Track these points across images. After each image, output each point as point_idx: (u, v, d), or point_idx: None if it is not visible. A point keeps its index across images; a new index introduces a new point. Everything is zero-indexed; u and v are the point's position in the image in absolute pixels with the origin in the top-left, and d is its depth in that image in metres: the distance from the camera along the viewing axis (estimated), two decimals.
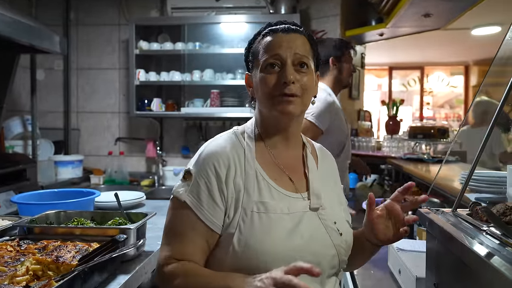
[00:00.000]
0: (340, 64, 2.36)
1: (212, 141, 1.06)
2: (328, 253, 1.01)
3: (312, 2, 3.50)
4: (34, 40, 2.52)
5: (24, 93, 3.50)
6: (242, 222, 0.95)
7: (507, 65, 1.18)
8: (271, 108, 1.02)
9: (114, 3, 3.65)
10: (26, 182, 2.68)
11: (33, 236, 1.29)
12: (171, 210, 1.01)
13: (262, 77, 1.01)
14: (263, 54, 1.03)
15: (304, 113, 1.07)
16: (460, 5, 2.68)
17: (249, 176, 1.00)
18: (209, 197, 0.96)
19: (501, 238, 0.84)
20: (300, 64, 1.01)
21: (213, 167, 0.98)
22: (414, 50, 6.39)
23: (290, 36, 1.03)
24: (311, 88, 1.03)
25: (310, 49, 1.06)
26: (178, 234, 0.97)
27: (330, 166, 1.20)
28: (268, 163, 1.05)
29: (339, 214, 1.09)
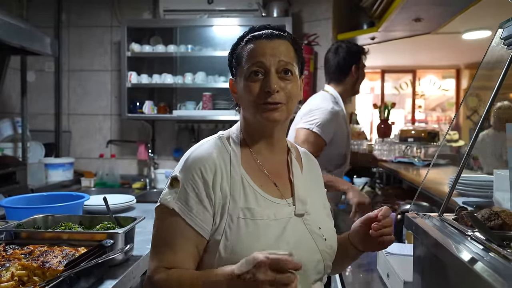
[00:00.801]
0: (359, 72, 2.35)
1: (198, 146, 1.05)
2: (313, 258, 1.01)
3: (304, 6, 3.51)
4: (24, 41, 2.51)
5: (14, 95, 3.48)
6: (229, 228, 0.94)
7: (494, 69, 1.20)
8: (255, 115, 1.01)
9: (106, 5, 3.64)
10: (15, 185, 2.66)
11: (20, 241, 1.28)
12: (159, 219, 0.98)
13: (246, 85, 1.01)
14: (246, 62, 1.01)
15: (289, 119, 1.07)
16: (450, 10, 2.70)
17: (235, 182, 0.99)
18: (198, 203, 0.95)
19: (485, 243, 0.85)
20: (284, 71, 1.00)
21: (200, 173, 0.97)
22: (406, 54, 6.43)
23: (274, 42, 1.01)
24: (296, 94, 1.03)
25: (294, 55, 1.04)
26: (168, 243, 0.95)
27: (314, 170, 1.21)
28: (253, 169, 1.05)
29: (323, 219, 1.10)
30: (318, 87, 3.48)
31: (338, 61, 2.31)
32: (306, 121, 2.17)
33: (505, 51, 1.09)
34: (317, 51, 3.46)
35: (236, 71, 1.07)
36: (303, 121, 2.19)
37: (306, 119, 2.18)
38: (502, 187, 1.23)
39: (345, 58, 2.31)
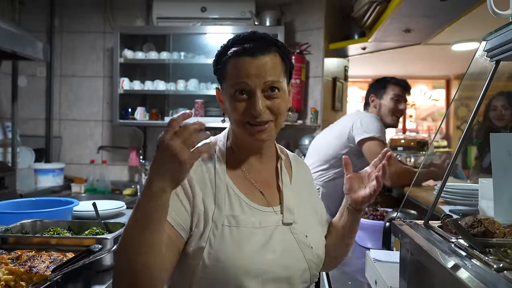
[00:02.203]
0: (380, 102, 2.44)
1: None
2: (300, 267, 1.01)
3: (297, 15, 3.55)
4: (16, 46, 2.51)
5: (5, 99, 3.45)
6: (213, 236, 0.94)
7: (478, 79, 1.23)
8: (243, 134, 1.01)
9: (99, 11, 3.65)
10: (4, 190, 2.64)
11: (8, 246, 1.28)
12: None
13: (231, 103, 0.99)
14: (231, 81, 0.98)
15: (278, 130, 1.05)
16: (439, 21, 2.76)
17: (220, 190, 0.99)
18: (177, 203, 0.95)
19: (467, 250, 0.87)
20: (271, 88, 0.98)
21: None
22: (396, 64, 6.52)
23: (259, 60, 0.96)
24: (284, 108, 1.02)
25: (282, 68, 1.01)
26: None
27: (305, 175, 1.21)
28: (239, 177, 1.05)
29: (311, 226, 1.10)
30: (309, 96, 3.52)
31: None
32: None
33: (488, 63, 1.12)
34: (308, 60, 3.49)
35: (221, 83, 1.05)
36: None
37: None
38: (486, 196, 1.26)
39: (368, 90, 2.44)
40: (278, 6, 3.54)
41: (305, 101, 3.51)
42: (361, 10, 2.99)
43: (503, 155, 1.13)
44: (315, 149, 2.50)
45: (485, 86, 1.12)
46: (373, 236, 1.93)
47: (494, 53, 1.10)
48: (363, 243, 1.99)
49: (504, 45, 1.05)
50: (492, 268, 0.76)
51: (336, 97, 3.74)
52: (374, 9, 2.84)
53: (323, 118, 3.42)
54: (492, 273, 0.75)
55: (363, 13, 3.03)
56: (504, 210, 1.13)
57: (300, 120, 3.42)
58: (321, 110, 3.46)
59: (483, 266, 0.79)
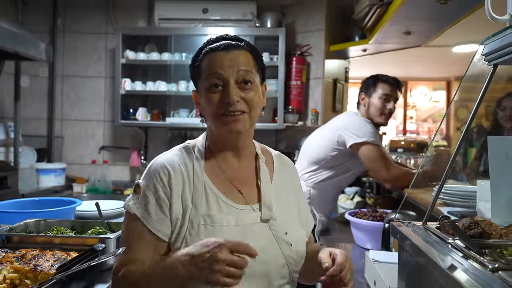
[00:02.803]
0: (369, 100, 2.41)
1: (162, 155, 1.08)
2: (278, 263, 1.03)
3: (298, 17, 3.57)
4: (18, 47, 2.52)
5: (7, 99, 3.48)
6: (189, 235, 0.98)
7: (478, 82, 1.25)
8: (219, 126, 1.03)
9: (102, 12, 3.67)
10: (6, 190, 2.66)
11: (12, 245, 1.30)
12: (124, 223, 1.04)
13: (206, 97, 1.03)
14: (206, 74, 1.03)
15: (253, 127, 1.08)
16: (439, 24, 2.77)
17: (198, 189, 1.02)
18: (156, 208, 0.99)
19: (464, 251, 0.88)
20: (244, 81, 1.02)
21: (160, 180, 1.01)
22: (397, 65, 6.53)
23: (232, 54, 1.03)
24: (258, 102, 1.05)
25: (254, 64, 1.06)
26: (129, 245, 1.00)
27: (290, 173, 1.22)
28: (217, 176, 1.07)
29: (292, 223, 1.11)
30: (310, 97, 3.53)
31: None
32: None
33: (486, 67, 1.13)
34: (309, 62, 3.51)
35: (197, 83, 1.08)
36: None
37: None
38: (484, 198, 1.27)
39: (360, 87, 2.42)
40: (279, 8, 3.56)
41: (306, 103, 3.53)
42: (362, 12, 3.01)
43: (500, 157, 1.15)
44: (305, 151, 2.50)
45: (483, 90, 1.14)
46: (372, 237, 1.95)
47: (491, 57, 1.11)
48: (362, 244, 2.00)
49: (501, 49, 1.06)
50: (488, 269, 0.78)
51: (337, 99, 3.76)
52: (374, 12, 2.85)
53: (324, 119, 3.44)
54: (488, 273, 0.77)
55: (363, 15, 3.05)
56: (501, 212, 1.15)
57: (300, 121, 3.43)
58: (322, 112, 3.48)
59: (479, 267, 0.80)
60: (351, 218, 2.07)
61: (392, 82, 2.41)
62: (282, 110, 3.27)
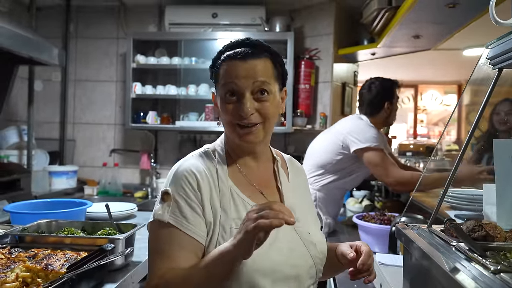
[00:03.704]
0: (392, 107, 2.45)
1: (185, 160, 1.07)
2: (306, 264, 1.05)
3: (306, 21, 3.59)
4: (32, 52, 2.58)
5: (21, 103, 3.55)
6: (222, 239, 0.97)
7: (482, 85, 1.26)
8: (233, 135, 1.04)
9: (113, 17, 3.74)
10: (19, 191, 2.71)
11: (24, 245, 1.33)
12: (154, 233, 1.00)
13: (222, 105, 1.03)
14: (222, 82, 1.02)
15: (269, 135, 1.08)
16: (448, 27, 2.76)
17: (224, 194, 1.02)
18: (190, 211, 0.98)
19: (467, 253, 0.89)
20: (260, 91, 1.00)
21: (189, 184, 1.00)
22: (407, 69, 6.50)
23: (249, 63, 1.00)
24: (274, 112, 1.04)
25: (272, 72, 1.04)
26: (167, 254, 0.96)
27: (301, 177, 1.24)
28: (240, 180, 1.07)
29: (312, 224, 1.13)
30: (319, 100, 3.54)
31: (371, 98, 2.45)
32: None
33: (491, 70, 1.14)
34: (318, 65, 3.52)
35: (215, 86, 1.08)
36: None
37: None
38: (491, 201, 1.27)
39: (378, 95, 2.43)
40: (288, 12, 3.59)
41: (314, 106, 3.54)
42: (370, 16, 3.02)
43: (506, 161, 1.15)
44: (311, 154, 2.52)
45: (488, 93, 1.14)
46: (380, 241, 1.95)
47: (496, 61, 1.12)
48: (370, 247, 2.00)
49: (506, 53, 1.07)
50: (490, 271, 0.79)
51: (346, 102, 3.76)
52: (383, 16, 2.86)
53: (332, 123, 3.43)
54: (489, 275, 0.78)
55: (372, 19, 3.05)
56: (506, 215, 1.14)
57: (309, 125, 3.44)
58: (330, 115, 3.49)
59: (481, 269, 0.81)
60: (359, 221, 2.08)
61: (400, 85, 2.52)
62: (290, 113, 3.28)
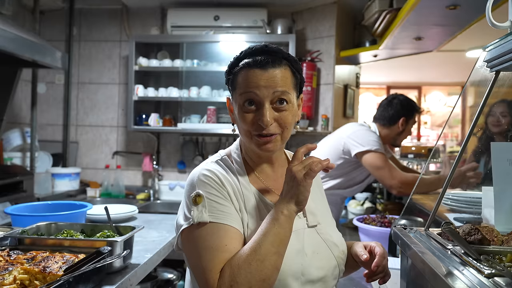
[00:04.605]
0: (406, 126, 2.46)
1: (204, 165, 1.06)
2: (331, 265, 1.06)
3: (308, 23, 3.59)
4: (36, 55, 2.60)
5: (25, 106, 3.58)
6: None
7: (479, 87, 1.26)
8: (250, 144, 1.03)
9: (116, 20, 3.76)
10: (22, 193, 2.73)
11: (24, 247, 1.34)
12: (196, 235, 0.96)
13: (240, 114, 1.01)
14: (240, 90, 1.00)
15: (285, 142, 1.07)
16: (450, 29, 2.76)
17: (249, 199, 1.02)
18: (226, 205, 0.98)
19: (462, 257, 0.88)
20: (280, 100, 0.99)
21: (214, 182, 1.00)
22: (411, 70, 6.49)
23: (269, 72, 0.98)
24: (291, 122, 1.03)
25: (292, 80, 1.02)
26: (219, 247, 0.93)
27: (315, 179, 1.24)
28: (260, 186, 1.07)
29: (332, 226, 1.14)
30: (321, 102, 3.54)
31: (388, 109, 2.46)
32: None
33: (488, 73, 1.14)
34: (320, 68, 3.52)
35: (232, 93, 1.07)
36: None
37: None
38: (490, 204, 1.26)
39: (397, 108, 2.44)
40: (289, 15, 3.60)
41: (316, 108, 3.54)
42: (372, 18, 3.02)
43: (504, 163, 1.14)
44: None
45: (485, 96, 1.14)
46: (381, 243, 1.94)
47: (493, 64, 1.12)
48: None
49: (503, 55, 1.07)
50: (483, 275, 0.78)
51: (348, 104, 3.75)
52: (384, 17, 2.86)
53: (334, 125, 3.44)
54: (483, 279, 0.77)
55: (373, 21, 3.05)
56: (504, 219, 1.14)
57: (311, 127, 3.44)
58: (332, 117, 3.48)
59: (475, 273, 0.81)
60: (359, 224, 2.07)
61: (421, 112, 2.59)
62: None
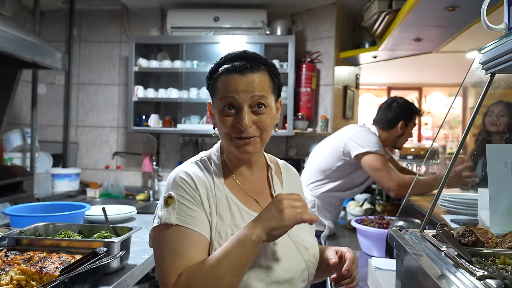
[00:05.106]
0: (405, 129, 2.46)
1: (182, 166, 1.09)
2: (299, 268, 1.07)
3: (308, 24, 3.60)
4: (36, 56, 2.61)
5: (25, 106, 3.59)
6: (218, 244, 0.99)
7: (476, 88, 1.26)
8: (230, 147, 1.06)
9: (116, 21, 3.77)
10: (22, 194, 2.74)
11: (21, 247, 1.35)
12: (162, 236, 0.99)
13: (220, 117, 1.04)
14: (220, 95, 1.03)
15: (265, 145, 1.10)
16: (449, 30, 2.76)
17: (221, 201, 1.04)
18: (195, 210, 1.00)
19: (455, 259, 0.89)
20: (258, 104, 1.02)
21: (188, 185, 1.03)
22: (411, 71, 6.49)
23: (247, 78, 1.01)
24: (270, 125, 1.06)
25: (269, 84, 1.05)
26: (180, 252, 0.96)
27: (295, 181, 1.26)
28: (235, 188, 1.10)
29: (304, 229, 1.14)
30: (320, 103, 3.54)
31: (387, 112, 2.46)
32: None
33: (484, 75, 1.14)
34: (319, 68, 3.53)
35: (212, 98, 1.09)
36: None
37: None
38: (486, 206, 1.27)
39: (395, 112, 2.44)
40: (289, 16, 3.60)
41: (316, 109, 3.54)
42: (371, 19, 3.02)
43: (499, 165, 1.15)
44: (312, 160, 2.53)
45: (480, 98, 1.14)
46: (378, 245, 1.95)
47: (489, 66, 1.12)
48: (368, 251, 2.00)
49: (498, 57, 1.07)
50: (475, 277, 0.79)
51: (347, 105, 3.75)
52: (383, 19, 2.86)
53: (334, 126, 3.44)
54: (475, 281, 0.77)
55: (373, 22, 3.05)
56: (499, 220, 1.14)
57: (310, 128, 3.44)
58: (332, 118, 3.49)
59: (467, 274, 0.81)
60: (357, 225, 2.07)
61: (420, 114, 2.57)
62: (292, 116, 3.29)
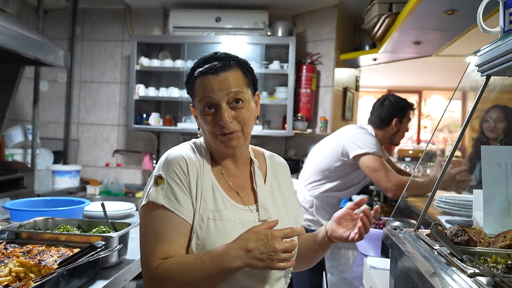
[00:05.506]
0: (400, 126, 2.47)
1: (175, 148, 1.15)
2: None
3: (309, 26, 3.61)
4: (38, 53, 2.63)
5: (27, 103, 3.61)
6: (199, 228, 1.04)
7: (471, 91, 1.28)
8: (216, 144, 1.11)
9: (119, 20, 3.79)
10: (23, 189, 2.75)
11: (20, 241, 1.37)
12: (147, 216, 1.05)
13: (202, 118, 1.10)
14: (199, 97, 1.08)
15: (249, 139, 1.15)
16: (448, 34, 2.77)
17: (206, 185, 1.09)
18: (182, 194, 1.04)
19: (447, 257, 0.90)
20: (235, 100, 1.08)
21: (181, 168, 1.07)
22: (411, 74, 6.50)
23: (221, 76, 1.06)
24: (250, 118, 1.11)
25: (243, 80, 1.11)
26: (160, 237, 1.01)
27: (282, 171, 1.29)
28: (219, 177, 1.14)
29: (285, 222, 1.17)
30: (320, 105, 3.56)
31: (381, 111, 2.47)
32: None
33: (479, 78, 1.15)
34: (319, 70, 3.54)
35: (193, 101, 1.14)
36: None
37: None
38: (480, 207, 1.28)
39: (388, 110, 2.44)
40: (290, 17, 3.62)
41: (315, 110, 3.56)
42: (371, 22, 3.03)
43: (493, 167, 1.16)
44: (310, 160, 2.55)
45: (476, 101, 1.16)
46: (374, 245, 1.96)
47: (484, 68, 1.14)
48: (365, 251, 2.02)
49: (493, 60, 1.09)
50: (466, 274, 0.80)
51: (347, 107, 3.77)
52: (383, 21, 2.88)
53: (333, 127, 3.46)
54: (466, 278, 0.79)
55: (373, 24, 3.07)
56: (493, 221, 1.16)
57: (309, 129, 3.46)
58: (331, 120, 3.50)
59: (458, 272, 0.82)
60: None
61: (414, 108, 2.57)
62: (291, 117, 3.30)
